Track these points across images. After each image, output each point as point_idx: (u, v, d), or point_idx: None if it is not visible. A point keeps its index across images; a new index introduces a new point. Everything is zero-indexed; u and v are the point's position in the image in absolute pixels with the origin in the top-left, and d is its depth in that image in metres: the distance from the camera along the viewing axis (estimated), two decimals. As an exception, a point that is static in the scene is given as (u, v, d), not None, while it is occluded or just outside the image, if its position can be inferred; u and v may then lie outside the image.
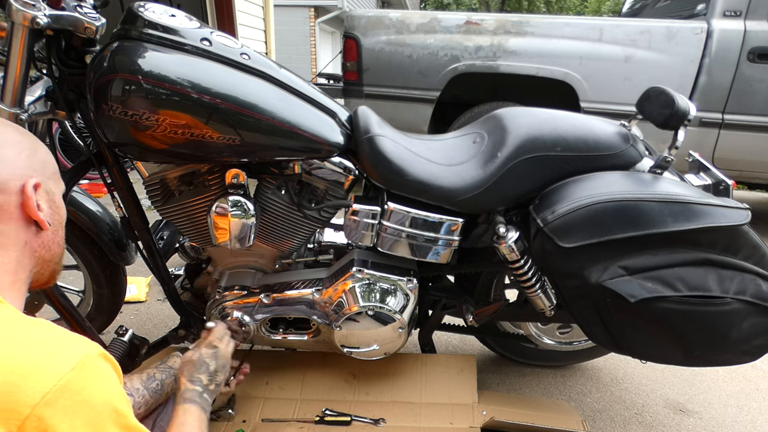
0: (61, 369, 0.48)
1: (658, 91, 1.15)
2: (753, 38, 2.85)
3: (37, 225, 0.66)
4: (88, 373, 0.50)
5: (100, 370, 0.53)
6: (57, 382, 0.47)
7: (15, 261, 0.63)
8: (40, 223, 0.66)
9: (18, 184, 0.64)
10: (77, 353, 0.51)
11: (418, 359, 1.47)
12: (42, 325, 0.54)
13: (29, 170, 0.66)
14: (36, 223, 0.66)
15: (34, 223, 0.66)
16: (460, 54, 3.17)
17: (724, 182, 1.15)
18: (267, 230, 1.26)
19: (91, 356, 0.52)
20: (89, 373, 0.51)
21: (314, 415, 1.32)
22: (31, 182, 0.65)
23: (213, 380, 0.96)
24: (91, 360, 0.52)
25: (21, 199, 0.64)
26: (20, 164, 0.65)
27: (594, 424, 1.51)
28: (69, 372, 0.48)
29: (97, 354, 0.54)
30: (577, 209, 1.05)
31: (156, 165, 1.17)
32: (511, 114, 1.25)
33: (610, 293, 1.04)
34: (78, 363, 0.50)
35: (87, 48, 1.08)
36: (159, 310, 2.07)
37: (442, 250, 1.26)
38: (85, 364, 0.51)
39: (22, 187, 0.64)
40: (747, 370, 1.80)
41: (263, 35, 6.36)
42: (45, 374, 0.47)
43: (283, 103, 1.10)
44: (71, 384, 0.48)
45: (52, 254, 0.70)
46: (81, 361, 0.50)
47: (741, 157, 3.07)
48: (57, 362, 0.49)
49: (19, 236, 0.64)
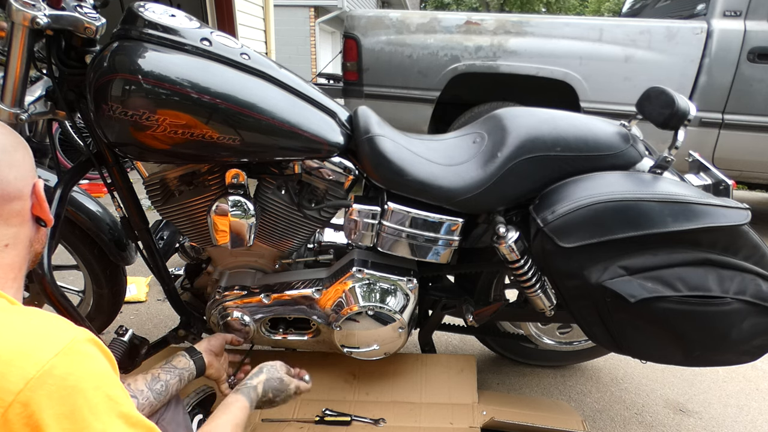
0: (46, 354, 0.47)
1: (658, 91, 1.15)
2: (753, 38, 2.85)
3: (38, 222, 0.67)
4: (74, 358, 0.49)
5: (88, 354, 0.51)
6: (41, 367, 0.46)
7: (21, 258, 0.64)
8: (46, 221, 0.67)
9: (30, 186, 0.65)
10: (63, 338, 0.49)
11: (418, 359, 1.47)
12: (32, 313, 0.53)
13: (32, 170, 0.67)
14: (38, 220, 0.67)
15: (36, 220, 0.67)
16: (460, 54, 3.17)
17: (724, 182, 1.15)
18: (267, 230, 1.26)
19: (78, 340, 0.50)
20: (76, 357, 0.49)
21: (314, 415, 1.32)
22: (40, 183, 0.66)
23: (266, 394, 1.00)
24: (78, 344, 0.50)
25: (33, 201, 0.65)
26: (27, 166, 0.66)
27: (594, 424, 1.51)
28: (53, 357, 0.47)
29: (86, 339, 0.52)
30: (577, 209, 1.05)
31: (156, 165, 1.16)
32: (511, 114, 1.25)
33: (610, 293, 1.04)
34: (63, 348, 0.48)
35: (87, 48, 1.08)
36: (159, 310, 2.07)
37: (442, 250, 1.26)
38: (72, 348, 0.49)
39: (33, 188, 0.65)
40: (747, 370, 1.80)
41: (263, 35, 6.36)
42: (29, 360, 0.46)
43: (283, 103, 1.10)
44: (55, 369, 0.46)
45: (42, 245, 0.72)
46: (67, 345, 0.49)
47: (741, 157, 3.07)
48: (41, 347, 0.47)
49: (27, 236, 0.65)
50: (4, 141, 0.63)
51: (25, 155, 0.66)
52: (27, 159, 0.66)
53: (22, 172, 0.64)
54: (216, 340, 1.16)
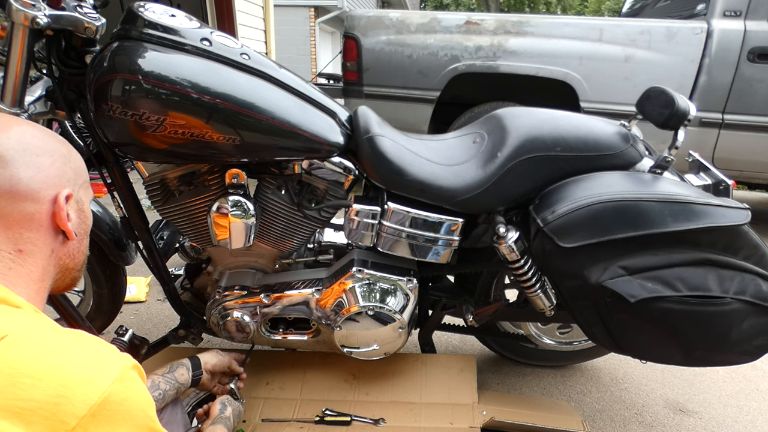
0: (105, 381, 0.51)
1: (658, 91, 1.15)
2: (753, 38, 2.85)
3: (64, 234, 0.66)
4: (127, 385, 0.53)
5: (136, 381, 0.55)
6: (101, 394, 0.49)
7: (41, 269, 0.64)
8: (67, 233, 0.66)
9: (51, 194, 0.64)
10: (116, 365, 0.54)
11: (418, 359, 1.47)
12: (79, 336, 0.56)
13: (63, 179, 0.66)
14: (63, 232, 0.66)
15: (61, 233, 0.66)
16: (460, 54, 3.17)
17: (724, 182, 1.15)
18: (267, 230, 1.26)
19: (127, 367, 0.55)
20: (128, 384, 0.53)
21: (314, 415, 1.32)
22: (64, 193, 0.65)
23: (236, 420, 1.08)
24: (128, 371, 0.54)
25: (52, 209, 0.64)
26: (54, 173, 0.64)
27: (594, 424, 1.51)
28: (111, 384, 0.51)
29: (132, 365, 0.56)
30: (577, 209, 1.05)
31: (156, 165, 1.16)
32: (511, 114, 1.25)
33: (610, 293, 1.04)
34: (118, 376, 0.52)
35: (87, 48, 1.08)
36: (159, 310, 2.07)
37: (442, 250, 1.26)
38: (125, 375, 0.53)
39: (55, 197, 0.64)
40: (747, 370, 1.80)
41: (263, 35, 6.36)
42: (90, 387, 0.49)
43: (283, 103, 1.10)
44: (113, 396, 0.50)
45: (75, 262, 0.71)
46: (120, 373, 0.53)
47: (741, 157, 3.07)
48: (100, 375, 0.51)
49: (47, 245, 0.64)
50: (32, 143, 0.63)
51: (54, 162, 0.65)
52: (57, 166, 0.65)
53: (43, 177, 0.63)
54: (220, 364, 1.17)
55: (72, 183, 0.67)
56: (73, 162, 0.69)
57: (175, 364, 1.07)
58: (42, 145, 0.64)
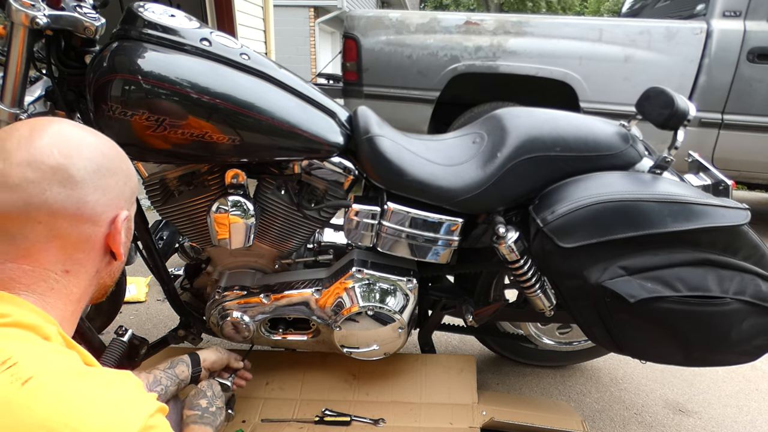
0: (131, 430, 0.50)
1: (657, 91, 1.15)
2: (753, 38, 2.86)
3: (112, 254, 0.64)
4: None
5: (162, 426, 0.55)
6: None
7: (82, 290, 0.62)
8: (116, 255, 0.64)
9: (110, 216, 0.62)
10: (143, 412, 0.53)
11: (418, 359, 1.47)
12: (104, 380, 0.54)
13: (121, 200, 0.64)
14: (112, 252, 0.64)
15: (110, 253, 0.64)
16: (460, 54, 3.17)
17: (724, 182, 1.15)
18: (267, 230, 1.26)
19: (152, 414, 0.54)
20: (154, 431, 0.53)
21: (314, 415, 1.32)
22: (123, 215, 0.63)
23: (212, 403, 1.03)
24: (153, 418, 0.54)
25: (109, 230, 0.62)
26: (116, 194, 0.62)
27: (594, 424, 1.51)
28: None
29: (155, 410, 0.55)
30: (576, 209, 1.05)
31: (156, 165, 1.16)
32: (511, 114, 1.25)
33: (609, 293, 1.04)
34: (143, 425, 0.51)
35: (87, 48, 1.08)
36: (159, 310, 2.07)
37: (441, 250, 1.26)
38: (151, 424, 0.53)
39: (113, 218, 0.62)
40: (747, 370, 1.80)
41: (263, 35, 6.35)
42: None
43: (283, 103, 1.10)
44: None
45: (113, 279, 0.69)
46: (145, 422, 0.52)
47: (741, 157, 3.07)
48: (127, 423, 0.50)
49: (94, 266, 0.63)
50: (103, 163, 0.61)
51: (118, 183, 0.63)
52: (120, 187, 0.63)
53: (107, 199, 0.61)
54: (219, 361, 1.16)
55: (129, 203, 0.65)
56: (132, 180, 0.67)
57: (175, 360, 1.07)
58: (111, 166, 0.62)
